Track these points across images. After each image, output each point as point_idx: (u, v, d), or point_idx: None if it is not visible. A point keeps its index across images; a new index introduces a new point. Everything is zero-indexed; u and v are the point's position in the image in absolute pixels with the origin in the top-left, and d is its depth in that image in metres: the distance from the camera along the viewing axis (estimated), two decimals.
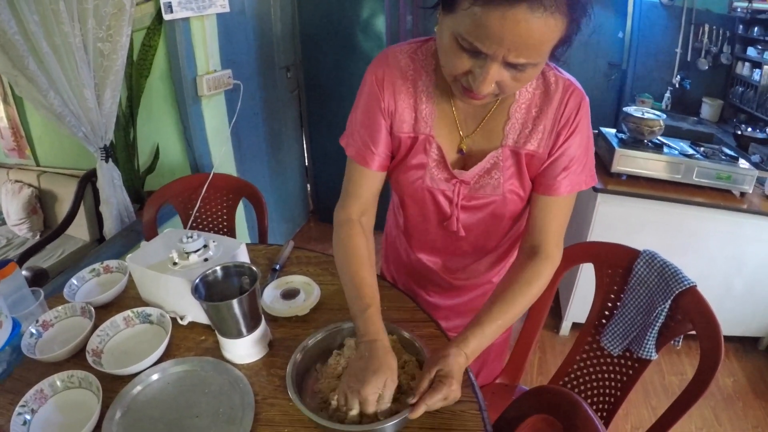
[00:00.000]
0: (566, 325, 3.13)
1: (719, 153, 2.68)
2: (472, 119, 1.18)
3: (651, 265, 1.41)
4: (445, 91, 1.15)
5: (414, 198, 1.29)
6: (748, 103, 4.37)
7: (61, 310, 1.38)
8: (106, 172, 2.24)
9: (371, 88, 1.17)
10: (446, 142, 1.19)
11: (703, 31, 4.63)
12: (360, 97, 1.21)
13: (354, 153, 1.22)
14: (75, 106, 2.03)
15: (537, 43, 0.84)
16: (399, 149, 1.23)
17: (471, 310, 1.52)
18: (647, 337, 1.38)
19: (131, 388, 1.13)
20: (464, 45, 0.88)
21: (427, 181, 1.22)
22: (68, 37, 1.90)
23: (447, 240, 1.38)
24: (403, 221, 1.45)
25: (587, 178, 1.20)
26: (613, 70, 5.25)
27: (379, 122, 1.18)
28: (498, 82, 0.92)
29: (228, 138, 2.85)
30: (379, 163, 1.21)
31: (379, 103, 1.17)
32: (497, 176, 1.18)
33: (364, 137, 1.20)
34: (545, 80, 1.13)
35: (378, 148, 1.20)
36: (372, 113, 1.18)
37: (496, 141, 1.17)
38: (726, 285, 2.80)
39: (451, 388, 0.96)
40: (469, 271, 1.49)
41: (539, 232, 1.20)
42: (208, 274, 1.21)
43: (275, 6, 3.52)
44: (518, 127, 1.15)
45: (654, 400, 2.71)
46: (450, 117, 1.18)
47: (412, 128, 1.19)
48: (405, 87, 1.16)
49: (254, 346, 1.22)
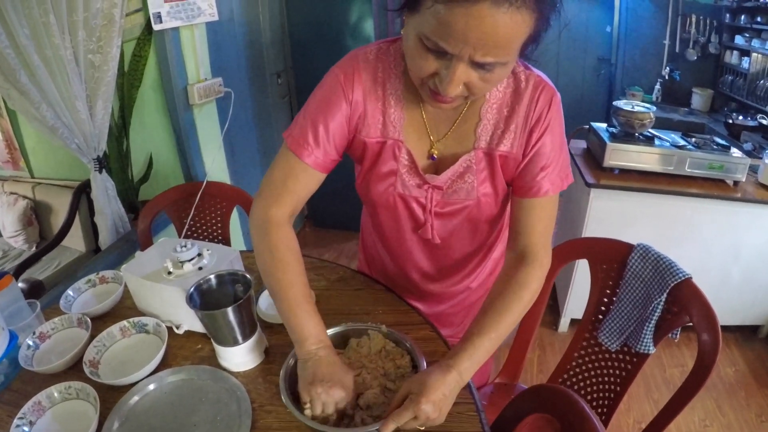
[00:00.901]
0: (564, 321, 3.13)
1: (711, 143, 2.68)
2: (443, 123, 1.14)
3: (645, 259, 1.42)
4: (414, 94, 1.11)
5: (386, 207, 1.24)
6: (738, 92, 4.39)
7: (57, 322, 1.38)
8: (100, 183, 2.24)
9: (337, 86, 1.11)
10: (416, 148, 1.15)
11: (691, 22, 4.65)
12: (319, 91, 1.14)
13: (298, 147, 1.12)
14: (67, 118, 2.03)
15: (504, 41, 0.81)
16: (365, 156, 1.18)
17: (456, 315, 1.54)
18: (644, 331, 1.38)
19: (129, 398, 1.13)
20: (429, 45, 0.85)
21: (399, 188, 1.18)
22: (59, 50, 1.90)
23: (423, 248, 1.35)
24: (378, 232, 1.41)
25: (565, 176, 1.16)
26: (602, 65, 5.27)
27: (338, 121, 1.11)
28: (466, 84, 0.90)
29: (220, 146, 2.85)
30: (324, 164, 1.13)
31: (343, 103, 1.11)
32: (471, 180, 1.15)
33: (317, 133, 1.11)
34: (515, 78, 1.10)
35: (329, 148, 1.12)
36: (333, 111, 1.11)
37: (468, 144, 1.14)
38: (723, 274, 2.81)
39: (419, 407, 0.90)
40: (448, 279, 1.45)
41: (525, 236, 1.15)
42: (203, 283, 1.21)
43: (264, 12, 3.52)
44: (490, 128, 1.12)
45: (656, 393, 2.70)
46: (420, 121, 1.14)
47: (380, 133, 1.14)
48: (374, 89, 1.12)
49: (250, 353, 1.22)
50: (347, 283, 1.55)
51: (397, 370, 1.11)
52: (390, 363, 1.13)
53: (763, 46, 4.00)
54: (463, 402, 1.10)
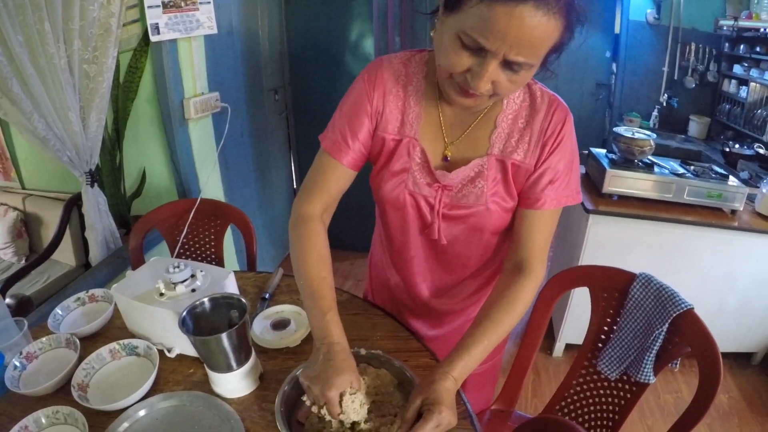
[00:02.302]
0: (560, 346, 3.11)
1: (709, 171, 2.68)
2: (458, 127, 1.19)
3: (647, 289, 1.40)
4: (433, 97, 1.17)
5: (396, 205, 1.26)
6: (735, 120, 4.43)
7: (45, 342, 1.34)
8: (91, 197, 2.20)
9: (361, 87, 1.19)
10: (430, 147, 1.20)
11: (690, 50, 4.70)
12: (348, 95, 1.23)
13: (329, 145, 1.21)
14: (60, 129, 2.00)
15: (538, 42, 0.88)
16: (382, 152, 1.23)
17: (451, 340, 1.50)
18: (645, 361, 1.36)
19: (118, 425, 1.10)
20: (467, 42, 0.90)
21: (410, 185, 1.21)
22: (53, 59, 1.87)
23: (429, 254, 1.35)
24: (386, 236, 1.41)
25: (572, 194, 1.19)
26: (601, 90, 5.31)
27: (362, 120, 1.19)
28: (494, 83, 0.95)
29: (215, 162, 2.82)
30: (352, 160, 1.21)
31: (366, 102, 1.18)
32: (481, 185, 1.18)
33: (344, 131, 1.20)
34: (531, 93, 1.16)
35: (354, 144, 1.20)
36: (357, 110, 1.19)
37: (481, 150, 1.17)
38: (719, 302, 2.80)
39: (441, 415, 0.92)
40: (454, 294, 1.45)
41: (523, 247, 1.19)
42: (196, 306, 1.17)
43: (263, 27, 3.51)
44: (504, 136, 1.16)
45: (650, 419, 2.69)
46: (436, 123, 1.19)
47: (397, 130, 1.20)
48: (395, 89, 1.19)
49: (244, 379, 1.19)
50: (344, 308, 1.51)
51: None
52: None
53: (762, 76, 4.03)
54: (463, 429, 1.08)
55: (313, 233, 1.18)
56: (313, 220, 1.19)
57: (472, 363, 1.05)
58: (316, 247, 1.17)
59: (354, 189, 1.28)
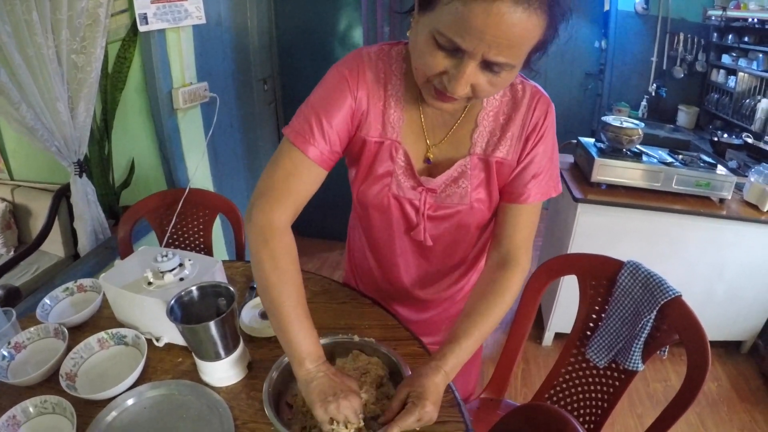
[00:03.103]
0: (549, 335, 3.12)
1: (697, 160, 2.70)
2: (440, 128, 1.15)
3: (635, 276, 1.41)
4: (413, 97, 1.12)
5: (380, 208, 1.23)
6: (723, 110, 4.45)
7: (33, 332, 1.34)
8: (80, 188, 2.19)
9: (342, 81, 1.10)
10: (413, 150, 1.16)
11: (678, 40, 4.71)
12: (323, 87, 1.12)
13: (298, 139, 1.07)
14: (48, 119, 1.98)
15: (518, 41, 0.82)
16: (363, 154, 1.17)
17: (441, 322, 1.52)
18: (633, 348, 1.37)
19: (106, 414, 1.10)
20: (442, 42, 0.85)
21: (394, 189, 1.18)
22: (41, 49, 1.86)
23: (414, 252, 1.34)
24: (368, 236, 1.38)
25: (555, 185, 1.19)
26: (590, 80, 5.32)
27: (342, 114, 1.09)
28: (473, 86, 0.90)
29: (204, 152, 2.81)
30: (325, 159, 1.09)
31: (349, 98, 1.09)
32: (464, 185, 1.16)
33: (320, 123, 1.07)
34: (512, 88, 1.13)
35: (330, 139, 1.08)
36: (336, 103, 1.08)
37: (463, 150, 1.15)
38: (708, 291, 2.82)
39: (424, 410, 0.93)
40: (437, 285, 1.44)
41: (509, 240, 1.18)
42: (184, 295, 1.17)
43: (252, 18, 3.49)
44: (486, 135, 1.14)
45: (639, 408, 2.71)
46: (417, 124, 1.14)
47: (379, 133, 1.14)
48: (377, 89, 1.12)
49: (233, 368, 1.19)
50: (332, 296, 1.52)
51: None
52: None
53: (750, 66, 4.06)
54: (452, 420, 1.08)
55: (289, 253, 1.07)
56: (287, 233, 1.08)
57: (464, 356, 1.04)
58: (292, 273, 1.05)
59: (338, 178, 1.25)
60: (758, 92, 4.05)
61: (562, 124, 4.76)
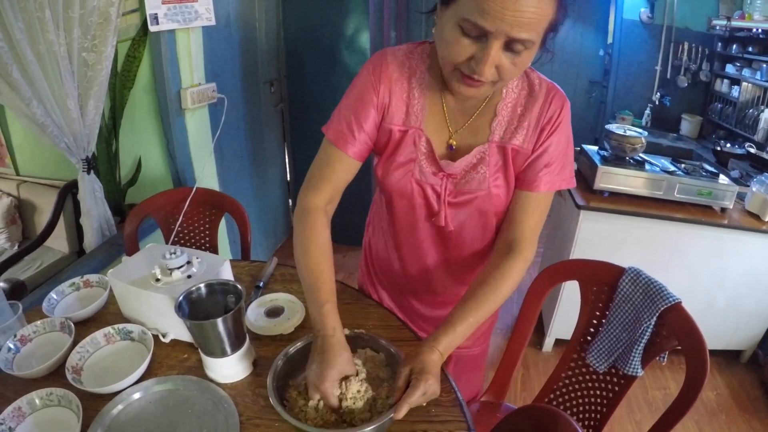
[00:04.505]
0: (549, 341, 3.12)
1: (700, 169, 2.70)
2: (461, 116, 1.22)
3: (636, 282, 1.42)
4: (437, 88, 1.20)
5: (403, 194, 1.29)
6: (726, 120, 4.46)
7: (39, 325, 1.35)
8: (87, 184, 2.21)
9: (367, 79, 1.21)
10: (435, 137, 1.22)
11: (683, 49, 4.73)
12: (353, 87, 1.24)
13: (334, 137, 1.22)
14: (58, 116, 2.01)
15: (535, 18, 0.89)
16: (389, 143, 1.25)
17: None
18: (633, 354, 1.38)
19: (112, 407, 1.11)
20: (467, 28, 0.93)
21: (417, 175, 1.24)
22: (53, 46, 1.88)
23: (435, 240, 1.38)
24: (391, 224, 1.42)
25: (567, 179, 1.24)
26: (594, 88, 5.33)
27: (368, 111, 1.21)
28: (498, 67, 0.97)
29: (211, 152, 2.83)
30: (358, 151, 1.22)
31: (373, 94, 1.20)
32: (483, 171, 1.22)
33: (350, 122, 1.21)
34: (530, 81, 1.20)
35: (360, 135, 1.21)
36: (363, 101, 1.21)
37: (482, 137, 1.21)
38: (708, 299, 2.82)
39: (428, 383, 0.98)
40: (456, 276, 1.47)
41: (516, 227, 1.24)
42: (192, 292, 1.19)
43: (260, 20, 3.51)
44: (504, 124, 1.20)
45: (638, 415, 2.71)
46: (440, 113, 1.22)
47: (402, 121, 1.22)
48: (400, 81, 1.20)
49: (238, 365, 1.20)
50: (338, 297, 1.50)
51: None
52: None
53: (754, 76, 4.07)
54: (454, 420, 1.10)
55: (316, 225, 1.20)
56: (317, 212, 1.22)
57: (457, 339, 1.10)
58: (318, 239, 1.18)
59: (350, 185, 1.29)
60: (761, 102, 4.05)
61: None
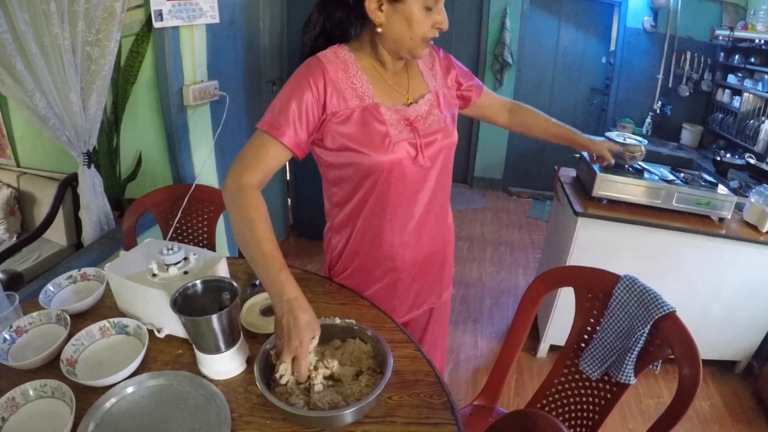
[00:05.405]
0: (544, 347, 3.13)
1: (699, 179, 2.71)
2: (401, 83, 1.46)
3: (631, 290, 1.42)
4: (374, 69, 1.42)
5: (394, 165, 1.38)
6: (727, 130, 4.47)
7: (35, 317, 1.36)
8: (87, 178, 2.21)
9: (304, 77, 1.33)
10: (392, 103, 1.41)
11: (685, 58, 4.74)
12: (288, 85, 1.35)
13: (268, 126, 1.31)
14: (60, 109, 2.01)
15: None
16: (353, 128, 1.35)
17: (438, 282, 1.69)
18: (626, 362, 1.39)
19: (105, 401, 1.11)
20: (429, 5, 1.26)
21: (394, 138, 1.37)
22: (57, 39, 1.89)
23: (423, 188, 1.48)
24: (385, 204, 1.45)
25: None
26: (595, 95, 5.35)
27: (303, 102, 1.31)
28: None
29: (211, 149, 2.84)
30: (291, 140, 1.31)
31: (309, 90, 1.32)
32: (436, 113, 1.47)
33: (285, 112, 1.30)
34: None
35: (293, 125, 1.30)
36: (298, 96, 1.31)
37: (424, 90, 1.49)
38: (704, 309, 2.83)
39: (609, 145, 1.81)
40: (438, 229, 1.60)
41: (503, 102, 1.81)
42: (188, 288, 1.19)
43: (264, 19, 3.52)
44: (428, 75, 1.53)
45: (631, 423, 2.71)
46: (385, 85, 1.42)
47: (358, 101, 1.36)
48: (339, 72, 1.36)
49: (232, 361, 1.20)
50: (332, 297, 1.55)
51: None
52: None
53: (755, 87, 4.07)
54: (444, 423, 1.10)
55: (257, 200, 1.26)
56: (254, 188, 1.28)
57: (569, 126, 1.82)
58: (262, 212, 1.25)
59: None
60: (762, 113, 4.06)
61: None
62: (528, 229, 5.15)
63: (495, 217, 5.36)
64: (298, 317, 1.10)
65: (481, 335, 3.40)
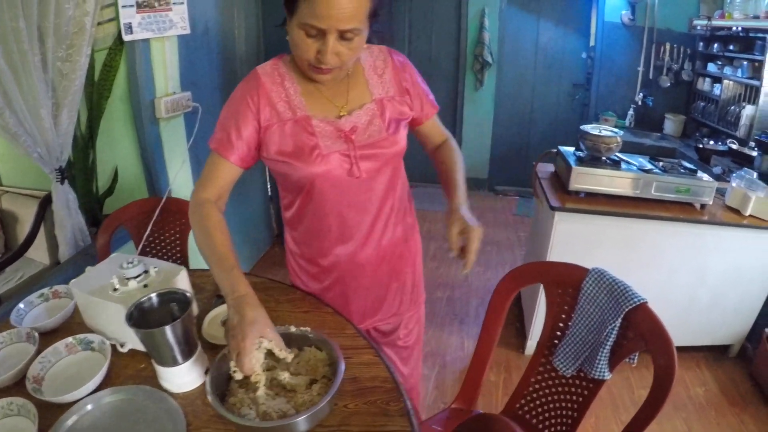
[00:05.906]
0: (531, 344, 3.10)
1: (678, 167, 2.71)
2: (340, 95, 1.44)
3: (600, 283, 1.41)
4: (309, 82, 1.40)
5: (324, 177, 1.40)
6: (709, 117, 4.50)
7: (6, 336, 1.37)
8: (61, 195, 2.20)
9: (244, 93, 1.38)
10: (324, 116, 1.40)
11: (665, 50, 4.76)
12: (231, 101, 1.41)
13: (216, 145, 1.39)
14: (30, 125, 2.00)
15: (354, 11, 1.16)
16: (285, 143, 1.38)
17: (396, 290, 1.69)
18: (599, 357, 1.38)
19: (67, 418, 1.11)
20: (308, 31, 1.19)
21: (323, 150, 1.37)
22: (27, 56, 1.88)
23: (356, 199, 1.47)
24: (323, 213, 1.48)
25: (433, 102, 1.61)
26: (577, 90, 5.36)
27: (246, 120, 1.36)
28: (338, 54, 1.23)
29: (185, 160, 2.83)
30: (238, 157, 1.38)
31: (249, 106, 1.37)
32: (377, 123, 1.44)
33: (229, 132, 1.37)
34: (371, 50, 1.50)
35: (239, 143, 1.37)
36: (240, 112, 1.37)
37: (366, 99, 1.45)
38: (690, 296, 2.81)
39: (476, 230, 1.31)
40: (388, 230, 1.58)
41: (439, 138, 1.67)
42: (144, 301, 1.20)
43: (239, 27, 3.51)
44: (375, 82, 1.47)
45: (624, 414, 2.68)
46: (321, 97, 1.42)
47: (290, 114, 1.38)
48: (275, 86, 1.39)
49: (190, 373, 1.20)
50: (296, 305, 1.56)
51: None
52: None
53: (735, 74, 4.10)
54: (400, 431, 1.10)
55: (212, 212, 1.34)
56: (209, 203, 1.36)
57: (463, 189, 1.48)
58: (217, 222, 1.32)
59: None
60: (743, 99, 4.08)
61: (550, 133, 4.88)
62: (515, 226, 5.16)
63: (481, 216, 5.28)
64: (244, 313, 1.11)
65: (467, 336, 3.39)
